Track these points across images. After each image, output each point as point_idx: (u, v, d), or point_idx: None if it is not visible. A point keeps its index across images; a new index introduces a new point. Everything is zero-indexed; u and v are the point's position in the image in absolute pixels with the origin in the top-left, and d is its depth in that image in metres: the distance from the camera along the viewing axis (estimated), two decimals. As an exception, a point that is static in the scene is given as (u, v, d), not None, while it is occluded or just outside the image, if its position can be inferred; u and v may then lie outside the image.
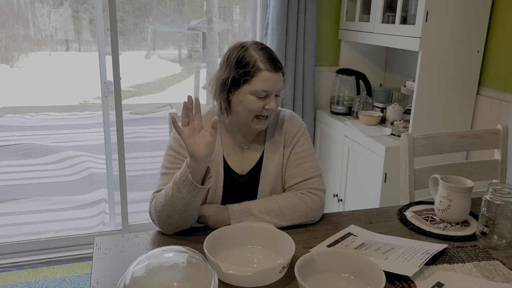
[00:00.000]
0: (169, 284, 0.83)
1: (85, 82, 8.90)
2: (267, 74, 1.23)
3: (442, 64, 2.12)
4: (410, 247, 1.14)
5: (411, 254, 1.08)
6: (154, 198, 1.23)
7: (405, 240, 1.20)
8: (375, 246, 1.16)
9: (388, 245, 1.17)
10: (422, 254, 1.08)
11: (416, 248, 1.12)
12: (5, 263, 2.43)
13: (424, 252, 1.08)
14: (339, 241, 1.18)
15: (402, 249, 1.12)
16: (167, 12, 9.54)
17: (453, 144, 1.66)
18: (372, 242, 1.20)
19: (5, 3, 7.93)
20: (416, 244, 1.17)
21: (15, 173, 4.46)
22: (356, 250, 1.13)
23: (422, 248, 1.12)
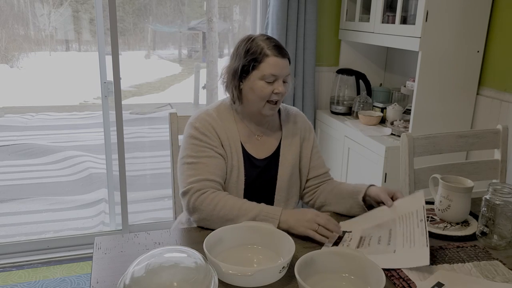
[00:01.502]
0: (169, 284, 0.83)
1: (85, 82, 8.90)
2: (274, 59, 1.30)
3: (442, 64, 2.12)
4: (401, 218, 1.22)
5: (409, 231, 1.15)
6: (208, 193, 1.25)
7: (387, 209, 1.27)
8: (375, 237, 1.19)
9: (382, 228, 1.22)
10: (419, 227, 1.14)
11: (406, 217, 1.21)
12: (5, 263, 2.43)
13: (417, 222, 1.16)
14: (338, 242, 1.19)
15: (399, 228, 1.19)
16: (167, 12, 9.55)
17: (453, 144, 1.66)
18: (368, 231, 1.23)
19: (5, 3, 7.93)
20: (402, 210, 1.24)
21: (15, 173, 4.46)
22: (360, 250, 1.14)
23: (411, 216, 1.20)
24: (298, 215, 1.21)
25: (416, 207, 1.21)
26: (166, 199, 3.70)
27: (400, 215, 1.23)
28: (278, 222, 1.19)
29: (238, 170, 1.35)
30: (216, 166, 1.31)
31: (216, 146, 1.33)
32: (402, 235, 1.15)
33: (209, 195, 1.25)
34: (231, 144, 1.35)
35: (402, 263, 1.04)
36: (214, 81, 7.79)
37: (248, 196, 1.36)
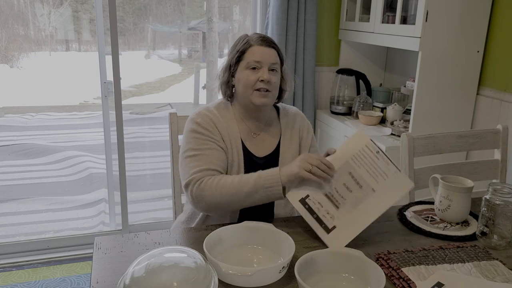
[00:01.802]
0: (169, 284, 0.83)
1: (85, 82, 8.90)
2: (257, 48, 1.35)
3: (442, 64, 2.12)
4: (354, 158, 1.23)
5: (372, 166, 1.21)
6: (206, 179, 1.25)
7: (334, 159, 1.25)
8: (340, 187, 1.21)
9: (341, 175, 1.22)
10: (379, 159, 1.21)
11: (359, 155, 1.23)
12: (5, 263, 2.43)
13: (374, 155, 1.22)
14: (319, 220, 1.21)
15: (359, 168, 1.22)
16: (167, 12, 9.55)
17: (453, 144, 1.66)
18: (329, 186, 1.22)
19: (5, 3, 7.93)
20: (349, 152, 1.24)
21: (15, 173, 4.46)
22: (344, 210, 1.19)
23: (363, 152, 1.24)
24: (291, 163, 1.24)
25: (362, 144, 1.24)
26: (166, 199, 3.70)
27: (351, 156, 1.23)
28: (280, 183, 1.21)
29: (238, 167, 1.36)
30: (218, 157, 1.31)
31: (217, 140, 1.33)
32: (367, 172, 1.19)
33: (208, 180, 1.25)
34: (232, 141, 1.36)
35: (392, 198, 1.11)
36: (214, 81, 7.78)
37: None
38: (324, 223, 1.18)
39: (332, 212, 1.18)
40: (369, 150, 1.21)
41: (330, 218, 1.18)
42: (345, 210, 1.18)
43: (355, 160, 1.21)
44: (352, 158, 1.22)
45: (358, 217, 1.17)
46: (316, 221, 1.18)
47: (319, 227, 1.17)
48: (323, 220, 1.18)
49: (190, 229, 1.25)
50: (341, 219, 1.17)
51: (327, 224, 1.18)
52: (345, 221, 1.17)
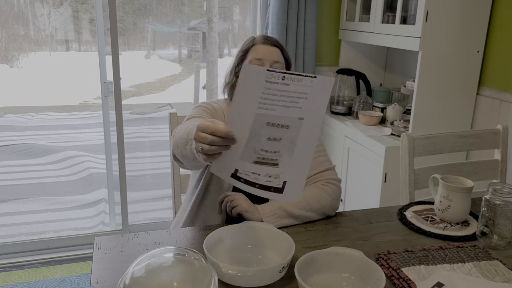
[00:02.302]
0: (169, 284, 0.83)
1: (85, 82, 8.90)
2: (259, 46, 1.36)
3: (442, 64, 2.12)
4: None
5: (289, 98, 0.96)
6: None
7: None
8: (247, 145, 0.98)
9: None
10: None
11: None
12: (5, 263, 2.44)
13: (282, 81, 0.95)
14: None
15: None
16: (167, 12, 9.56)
17: (453, 144, 1.66)
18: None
19: (5, 3, 7.93)
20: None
21: (15, 173, 4.46)
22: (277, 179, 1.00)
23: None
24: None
25: (262, 82, 0.95)
26: (166, 199, 3.70)
27: (257, 106, 0.96)
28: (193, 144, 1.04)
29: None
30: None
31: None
32: (286, 108, 0.96)
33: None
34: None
35: (320, 108, 0.95)
36: (214, 81, 7.79)
37: (245, 194, 1.35)
38: (272, 187, 1.02)
39: (273, 172, 1.01)
40: (274, 83, 0.95)
41: (275, 179, 1.02)
42: (285, 161, 1.00)
43: (265, 106, 0.96)
44: (260, 107, 0.96)
45: (301, 154, 1.00)
46: (261, 189, 1.03)
47: (269, 193, 1.03)
48: (268, 185, 1.03)
49: (190, 229, 1.25)
50: (286, 171, 1.01)
51: (275, 185, 1.03)
52: (291, 169, 1.01)
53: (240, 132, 0.97)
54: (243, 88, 0.95)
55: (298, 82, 0.96)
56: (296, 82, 0.96)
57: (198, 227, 1.26)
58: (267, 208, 1.24)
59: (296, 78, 0.96)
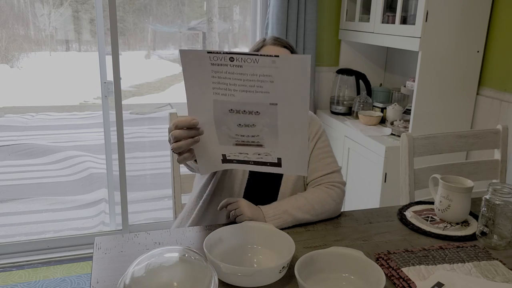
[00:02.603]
0: (169, 284, 0.83)
1: (85, 82, 8.90)
2: (269, 47, 1.35)
3: (442, 64, 2.12)
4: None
5: (248, 82, 0.86)
6: None
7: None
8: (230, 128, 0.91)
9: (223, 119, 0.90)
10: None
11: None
12: (5, 263, 2.44)
13: (230, 63, 0.85)
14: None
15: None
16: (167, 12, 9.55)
17: (453, 144, 1.66)
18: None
19: (5, 3, 7.94)
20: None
21: (15, 173, 4.46)
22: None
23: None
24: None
25: (207, 66, 0.87)
26: (166, 199, 3.70)
27: (211, 92, 0.88)
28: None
29: (244, 171, 1.33)
30: None
31: None
32: (248, 93, 0.86)
33: None
34: None
35: (300, 87, 0.83)
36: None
37: (250, 196, 1.35)
38: (267, 162, 0.95)
39: (262, 151, 0.94)
40: (222, 65, 0.85)
41: (266, 155, 0.94)
42: (270, 143, 0.92)
43: (220, 91, 0.87)
44: (216, 93, 0.87)
45: (290, 136, 0.91)
46: (257, 165, 0.96)
47: (267, 167, 0.96)
48: (262, 160, 0.95)
49: (190, 229, 1.25)
50: (276, 151, 0.93)
51: (270, 161, 0.96)
52: (281, 149, 0.93)
53: (205, 120, 0.90)
54: (189, 76, 0.87)
55: (254, 63, 0.84)
56: (250, 63, 0.84)
57: (198, 227, 1.26)
58: (272, 212, 1.23)
59: (250, 58, 0.83)
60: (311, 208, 1.27)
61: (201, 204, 1.36)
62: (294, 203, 1.27)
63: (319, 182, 1.36)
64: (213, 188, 1.34)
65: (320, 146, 1.40)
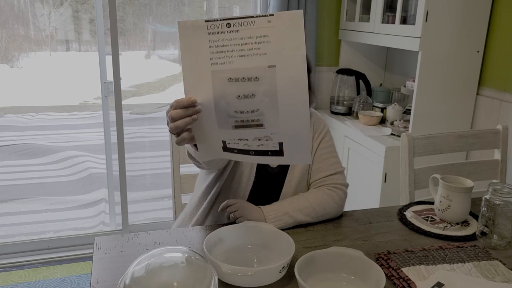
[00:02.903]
0: (169, 284, 0.83)
1: (85, 82, 8.90)
2: None
3: (442, 64, 2.12)
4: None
5: (245, 45, 0.86)
6: None
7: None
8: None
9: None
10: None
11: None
12: (5, 263, 2.44)
13: (227, 29, 0.85)
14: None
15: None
16: (167, 12, 9.54)
17: (453, 144, 1.66)
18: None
19: (5, 3, 7.94)
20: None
21: (15, 173, 4.46)
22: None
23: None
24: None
25: (203, 36, 0.86)
26: (166, 199, 3.70)
27: (209, 63, 0.87)
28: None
29: (250, 173, 1.33)
30: None
31: None
32: (245, 57, 0.86)
33: None
34: None
35: (297, 49, 0.84)
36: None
37: (253, 196, 1.34)
38: (268, 150, 0.93)
39: (262, 133, 0.91)
40: (219, 33, 0.85)
41: (267, 140, 0.92)
42: (271, 119, 0.89)
43: (219, 60, 0.86)
44: (214, 63, 0.87)
45: (290, 108, 0.88)
46: (258, 155, 0.94)
47: (269, 158, 0.94)
48: (262, 148, 0.93)
49: (190, 229, 1.25)
50: (277, 131, 0.90)
51: (271, 148, 0.93)
52: (283, 128, 0.90)
53: (203, 97, 0.88)
54: (186, 49, 0.86)
55: (250, 26, 0.84)
56: (247, 26, 0.84)
57: (199, 227, 1.26)
58: (273, 213, 1.23)
59: (246, 21, 0.84)
60: (313, 211, 1.27)
61: (206, 205, 1.36)
62: (296, 204, 1.26)
63: (322, 183, 1.35)
64: (219, 189, 1.34)
65: (324, 146, 1.38)
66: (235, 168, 1.32)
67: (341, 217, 1.35)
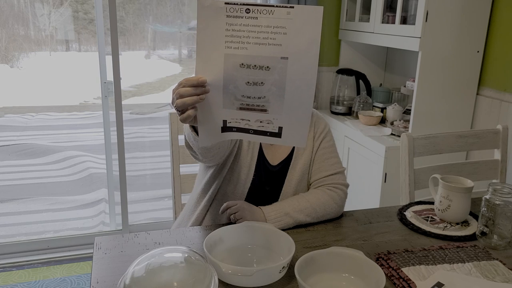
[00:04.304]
0: (169, 284, 0.83)
1: (85, 82, 8.90)
2: None
3: (442, 64, 2.12)
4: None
5: (262, 33, 0.87)
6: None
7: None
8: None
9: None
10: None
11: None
12: (5, 263, 2.44)
13: (246, 14, 0.87)
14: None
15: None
16: (167, 12, 9.54)
17: (453, 144, 1.66)
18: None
19: (5, 3, 7.94)
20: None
21: (15, 173, 4.46)
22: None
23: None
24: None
25: (221, 18, 0.87)
26: (166, 199, 3.70)
27: (223, 46, 0.88)
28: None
29: (249, 169, 1.32)
30: None
31: None
32: (260, 45, 0.87)
33: None
34: (250, 145, 1.32)
35: (312, 41, 0.85)
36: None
37: (253, 194, 1.34)
38: (267, 131, 0.95)
39: (264, 118, 0.93)
40: (237, 17, 0.86)
41: (268, 124, 0.94)
42: (275, 107, 0.92)
43: (233, 44, 0.87)
44: (228, 46, 0.88)
45: (295, 98, 0.90)
46: (256, 134, 0.96)
47: (266, 137, 0.95)
48: (262, 129, 0.95)
49: (190, 229, 1.25)
50: (279, 118, 0.93)
51: (270, 130, 0.95)
52: (285, 116, 0.93)
53: (212, 78, 0.89)
54: (203, 28, 0.86)
55: (269, 15, 0.85)
56: (266, 14, 0.85)
57: (198, 227, 1.26)
58: (273, 214, 1.23)
59: (265, 9, 0.85)
60: (313, 211, 1.27)
61: (205, 203, 1.35)
62: (296, 205, 1.26)
63: (322, 182, 1.35)
64: (218, 186, 1.34)
65: (325, 146, 1.38)
66: (233, 165, 1.32)
67: (341, 217, 1.35)
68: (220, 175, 1.33)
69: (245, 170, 1.32)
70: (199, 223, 1.37)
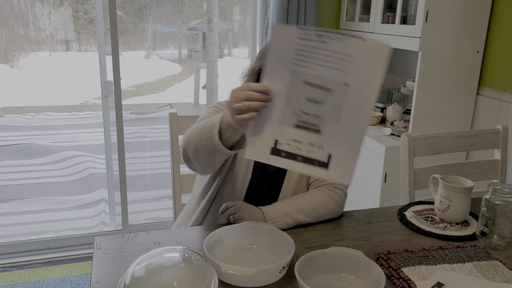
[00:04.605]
0: (169, 284, 0.83)
1: (85, 82, 8.91)
2: None
3: (442, 64, 2.12)
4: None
5: (329, 57, 0.91)
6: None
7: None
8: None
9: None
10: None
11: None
12: (5, 263, 2.44)
13: (318, 38, 0.91)
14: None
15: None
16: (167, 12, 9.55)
17: (453, 144, 1.66)
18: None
19: (5, 3, 7.94)
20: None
21: (15, 173, 4.46)
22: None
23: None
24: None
25: (293, 39, 0.92)
26: (166, 199, 3.70)
27: (291, 62, 0.93)
28: (215, 131, 1.03)
29: (247, 169, 1.32)
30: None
31: None
32: (325, 68, 0.91)
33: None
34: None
35: (375, 76, 0.88)
36: (214, 81, 7.80)
37: (252, 193, 1.34)
38: (316, 160, 0.95)
39: (316, 140, 0.94)
40: (308, 40, 0.90)
41: (318, 149, 0.95)
42: (329, 129, 0.93)
43: (301, 63, 0.92)
44: (296, 63, 0.92)
45: (350, 126, 0.92)
46: (304, 163, 0.96)
47: (314, 167, 0.96)
48: (311, 157, 0.95)
49: (190, 229, 1.25)
50: (331, 143, 0.94)
51: (319, 158, 0.95)
52: (337, 141, 0.94)
53: (277, 89, 0.94)
54: (274, 48, 0.92)
55: (340, 42, 0.89)
56: (336, 41, 0.89)
57: (198, 227, 1.26)
58: (273, 214, 1.23)
59: (338, 37, 0.88)
60: (313, 211, 1.27)
61: (205, 203, 1.35)
62: (296, 205, 1.26)
63: (322, 182, 1.35)
64: (218, 186, 1.34)
65: None
66: (232, 166, 1.32)
67: (341, 217, 1.35)
68: (220, 175, 1.33)
69: (243, 170, 1.32)
70: (199, 223, 1.36)
